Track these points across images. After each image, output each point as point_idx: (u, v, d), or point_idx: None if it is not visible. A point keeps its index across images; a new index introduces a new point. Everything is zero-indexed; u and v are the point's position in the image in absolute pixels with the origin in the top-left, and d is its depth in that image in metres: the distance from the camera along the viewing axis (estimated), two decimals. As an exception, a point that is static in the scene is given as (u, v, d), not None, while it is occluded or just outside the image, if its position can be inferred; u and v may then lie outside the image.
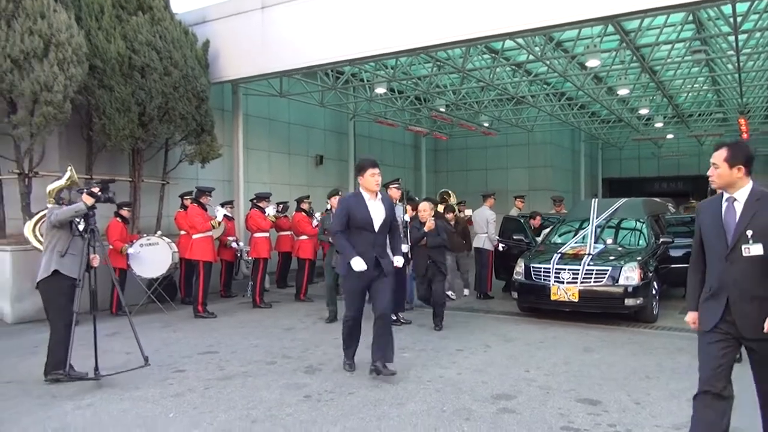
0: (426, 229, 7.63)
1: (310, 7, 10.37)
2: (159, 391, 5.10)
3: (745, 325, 3.14)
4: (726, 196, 3.30)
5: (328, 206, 9.57)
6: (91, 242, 5.37)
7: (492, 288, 10.44)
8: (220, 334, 7.50)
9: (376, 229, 5.31)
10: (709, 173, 3.32)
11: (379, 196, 5.39)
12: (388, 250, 5.60)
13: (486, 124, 18.82)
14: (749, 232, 3.13)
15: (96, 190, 5.33)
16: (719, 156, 3.26)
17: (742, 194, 3.25)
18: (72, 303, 5.20)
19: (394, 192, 7.96)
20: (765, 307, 3.09)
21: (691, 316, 3.48)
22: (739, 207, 3.23)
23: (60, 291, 5.26)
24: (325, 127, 16.34)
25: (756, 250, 3.12)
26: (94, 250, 5.44)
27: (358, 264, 5.17)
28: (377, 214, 5.33)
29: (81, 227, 5.35)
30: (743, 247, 3.14)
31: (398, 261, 5.57)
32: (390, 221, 5.45)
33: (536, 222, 10.96)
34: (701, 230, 3.39)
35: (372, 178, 5.32)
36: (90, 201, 5.27)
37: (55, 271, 5.24)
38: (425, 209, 7.86)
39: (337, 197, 8.68)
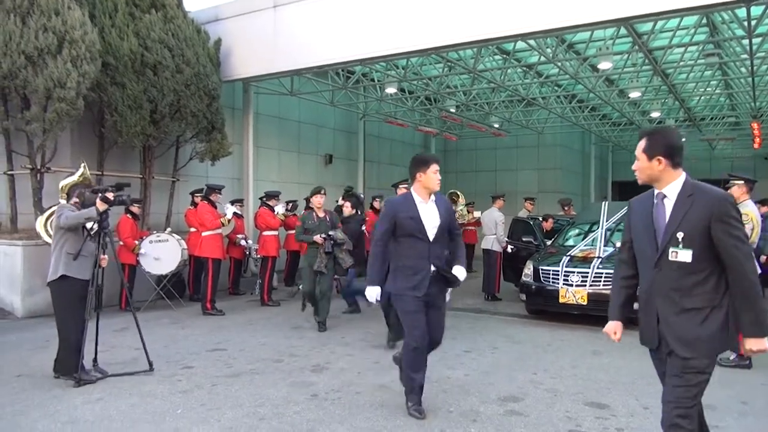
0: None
1: (322, 7, 10.39)
2: (167, 388, 5.12)
3: (675, 342, 2.76)
4: (656, 192, 2.87)
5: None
6: (103, 244, 5.39)
7: (500, 290, 10.41)
8: (228, 331, 7.53)
9: (431, 238, 4.38)
10: (633, 167, 2.93)
11: (433, 197, 4.50)
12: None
13: (496, 125, 18.77)
14: (680, 234, 2.71)
15: (110, 195, 5.30)
16: (639, 147, 2.87)
17: (672, 190, 2.80)
18: (84, 304, 5.20)
19: (404, 192, 7.98)
20: (696, 320, 2.73)
21: (610, 326, 3.14)
22: (669, 205, 2.80)
23: (71, 293, 5.23)
24: (335, 126, 16.36)
25: (684, 256, 2.71)
26: (104, 252, 5.44)
27: (371, 293, 4.48)
28: (430, 219, 4.42)
29: (94, 229, 5.37)
30: (671, 251, 2.74)
31: (460, 272, 4.54)
32: (448, 227, 4.55)
33: (548, 225, 10.91)
34: (632, 232, 3.00)
35: (435, 175, 4.44)
36: (103, 207, 5.24)
37: (64, 275, 5.22)
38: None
39: (320, 196, 8.01)
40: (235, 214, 9.61)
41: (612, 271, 7.56)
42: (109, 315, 7.81)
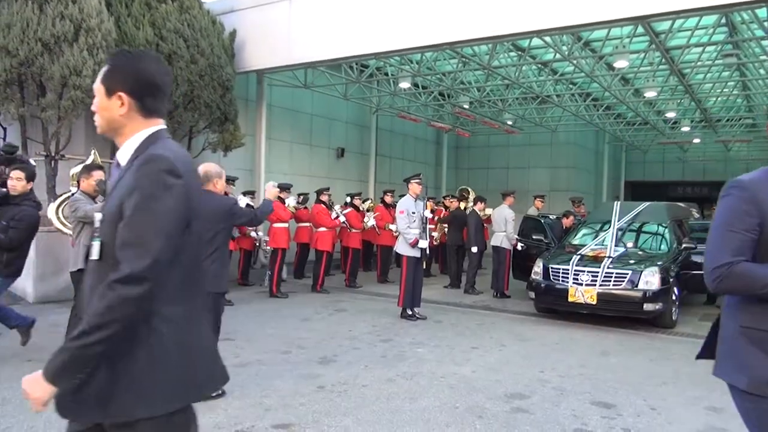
0: None
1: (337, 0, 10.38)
2: (175, 375, 5.15)
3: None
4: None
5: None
6: None
7: (509, 287, 10.38)
8: (237, 321, 7.56)
9: None
10: (93, 107, 1.91)
11: None
12: None
13: (509, 123, 18.68)
14: (98, 216, 1.83)
15: None
16: (99, 77, 1.88)
17: (125, 152, 1.86)
18: None
19: (416, 187, 7.96)
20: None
21: None
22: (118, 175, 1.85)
23: None
24: (348, 120, 16.35)
25: (94, 251, 1.78)
26: None
27: None
28: None
29: None
30: (93, 244, 1.81)
31: None
32: None
33: (568, 222, 10.83)
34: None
35: None
36: None
37: (81, 269, 5.28)
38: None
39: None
40: (248, 205, 9.63)
41: (623, 272, 7.61)
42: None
